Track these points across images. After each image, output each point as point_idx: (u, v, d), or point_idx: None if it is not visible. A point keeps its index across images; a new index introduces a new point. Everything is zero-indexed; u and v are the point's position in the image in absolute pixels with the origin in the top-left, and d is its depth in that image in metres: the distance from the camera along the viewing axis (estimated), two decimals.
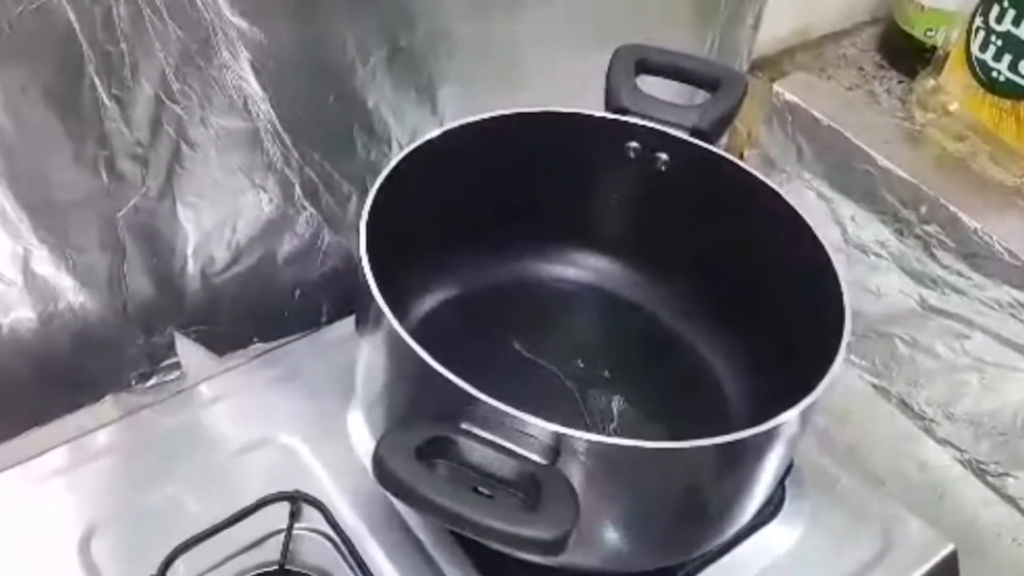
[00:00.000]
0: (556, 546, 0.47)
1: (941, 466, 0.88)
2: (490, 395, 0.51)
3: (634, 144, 0.72)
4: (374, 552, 0.65)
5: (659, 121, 0.71)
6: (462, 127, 0.69)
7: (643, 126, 0.71)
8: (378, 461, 0.48)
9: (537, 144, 0.72)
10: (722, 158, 0.70)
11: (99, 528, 0.65)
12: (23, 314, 0.67)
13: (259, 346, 0.80)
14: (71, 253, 0.66)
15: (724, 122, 0.72)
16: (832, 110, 0.98)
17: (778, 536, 0.71)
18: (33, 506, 0.66)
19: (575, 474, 0.50)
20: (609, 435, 0.57)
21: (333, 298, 0.82)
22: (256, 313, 0.80)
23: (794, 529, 0.71)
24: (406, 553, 0.66)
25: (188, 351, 0.77)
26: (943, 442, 0.88)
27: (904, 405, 0.94)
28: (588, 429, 0.52)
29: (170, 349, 0.77)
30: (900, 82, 1.05)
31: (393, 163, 0.65)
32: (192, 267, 0.74)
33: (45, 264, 0.66)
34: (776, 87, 1.00)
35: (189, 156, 0.68)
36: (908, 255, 0.90)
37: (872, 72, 1.07)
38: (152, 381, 0.77)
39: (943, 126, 0.97)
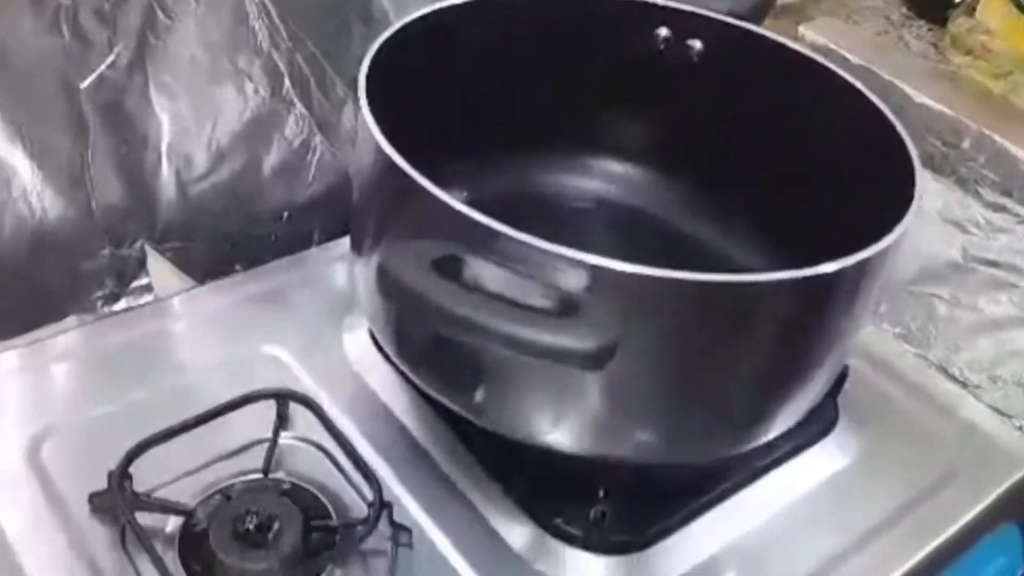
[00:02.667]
0: (599, 357, 0.41)
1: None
2: None
3: (664, 31, 0.68)
4: (373, 461, 0.58)
5: (691, 2, 0.66)
6: (468, 3, 0.64)
7: (674, 8, 0.66)
8: (386, 270, 0.42)
9: (551, 30, 0.67)
10: (766, 38, 0.65)
11: (52, 433, 0.58)
12: None
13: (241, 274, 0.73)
14: (26, 123, 0.60)
15: (764, 5, 0.67)
16: (862, 51, 0.94)
17: (830, 455, 0.64)
18: None
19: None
20: None
21: (324, 222, 0.76)
22: (239, 236, 0.74)
23: (848, 449, 0.64)
24: (406, 458, 0.59)
25: (161, 273, 0.71)
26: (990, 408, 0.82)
27: (945, 372, 0.87)
28: None
29: (141, 267, 0.70)
30: (930, 29, 1.02)
31: (386, 35, 0.59)
32: (167, 168, 0.68)
33: None
34: (802, 29, 0.97)
35: (164, 25, 0.63)
36: (948, 200, 0.85)
37: (899, 21, 1.05)
38: (120, 304, 0.70)
39: (982, 67, 0.94)
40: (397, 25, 0.59)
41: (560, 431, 0.52)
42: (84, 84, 0.60)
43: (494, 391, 0.53)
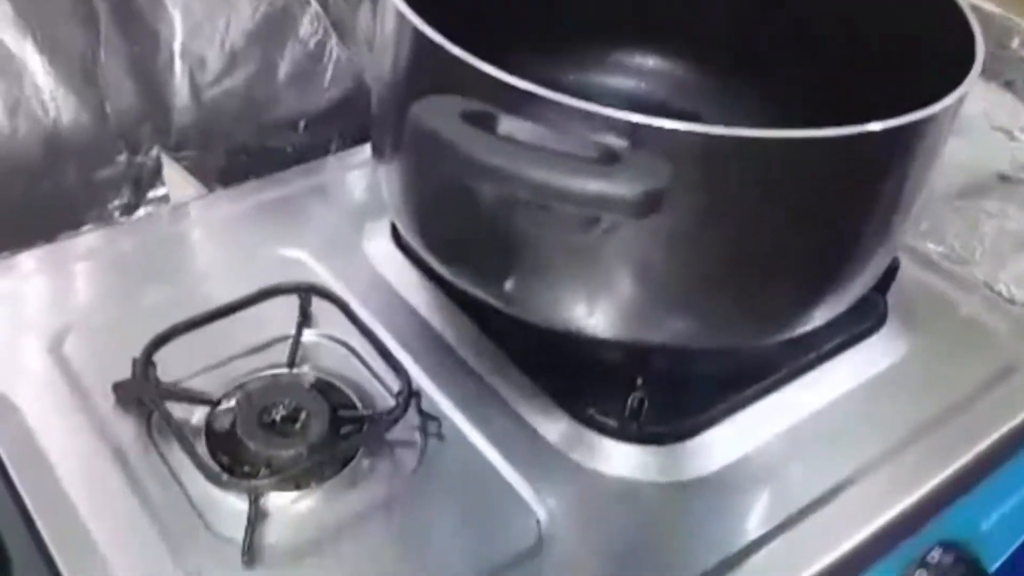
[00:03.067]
0: (641, 205, 0.39)
1: None
2: None
3: None
4: (396, 352, 0.56)
5: None
6: None
7: None
8: (416, 121, 0.40)
9: None
10: None
11: (73, 329, 0.57)
12: None
13: None
14: (38, 20, 0.58)
15: None
16: None
17: (879, 351, 0.62)
18: (5, 306, 0.58)
19: None
20: None
21: (342, 131, 0.74)
22: (254, 146, 0.73)
23: (899, 344, 0.63)
24: (432, 354, 0.58)
25: (176, 181, 0.70)
26: None
27: (990, 289, 0.85)
28: None
29: (157, 176, 0.69)
30: None
31: None
32: (180, 69, 0.67)
33: (8, 29, 0.58)
34: None
35: None
36: (995, 106, 0.82)
37: None
38: (138, 214, 0.69)
39: None
40: None
41: (595, 316, 0.51)
42: None
43: (525, 276, 0.51)
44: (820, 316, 0.54)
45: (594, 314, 0.51)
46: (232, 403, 0.53)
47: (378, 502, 0.51)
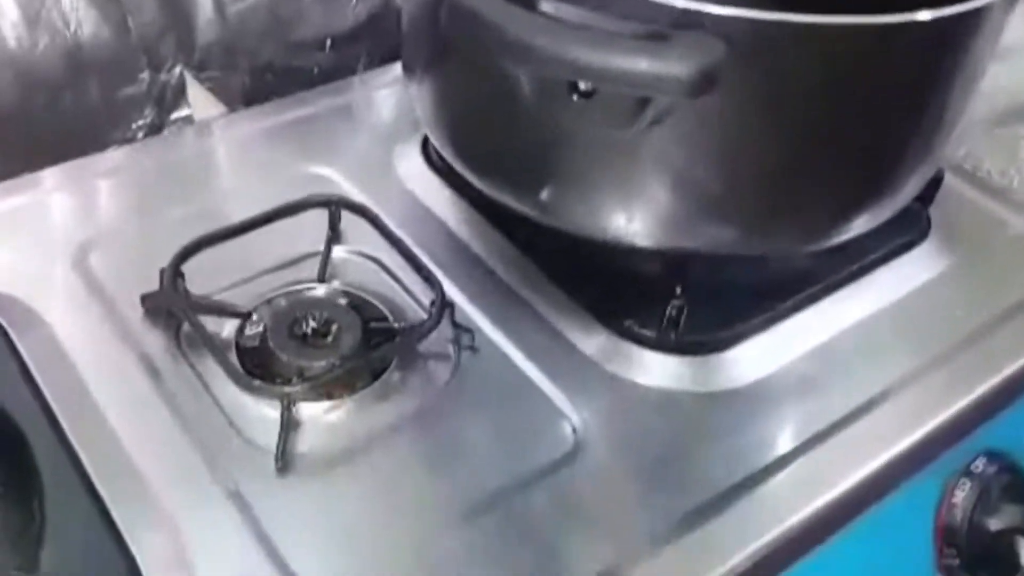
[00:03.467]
0: (699, 81, 0.37)
1: None
2: None
3: None
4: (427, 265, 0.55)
5: None
6: None
7: None
8: (455, 3, 0.39)
9: None
10: None
11: (98, 243, 0.56)
12: (8, 15, 0.59)
13: None
14: None
15: None
16: None
17: (921, 265, 0.61)
18: (25, 218, 0.58)
19: None
20: None
21: (370, 50, 0.73)
22: (280, 65, 0.71)
23: (940, 259, 0.61)
24: (464, 269, 0.57)
25: (200, 101, 0.69)
26: None
27: None
28: None
29: (181, 95, 0.68)
30: None
31: None
32: None
33: None
34: None
35: None
36: None
37: None
38: (163, 135, 0.68)
39: None
40: None
41: (635, 222, 0.50)
42: None
43: (563, 182, 0.50)
44: (863, 223, 0.52)
45: (633, 220, 0.50)
46: (262, 316, 0.53)
47: (411, 413, 0.50)
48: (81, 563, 0.39)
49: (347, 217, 0.58)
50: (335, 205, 0.56)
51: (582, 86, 0.42)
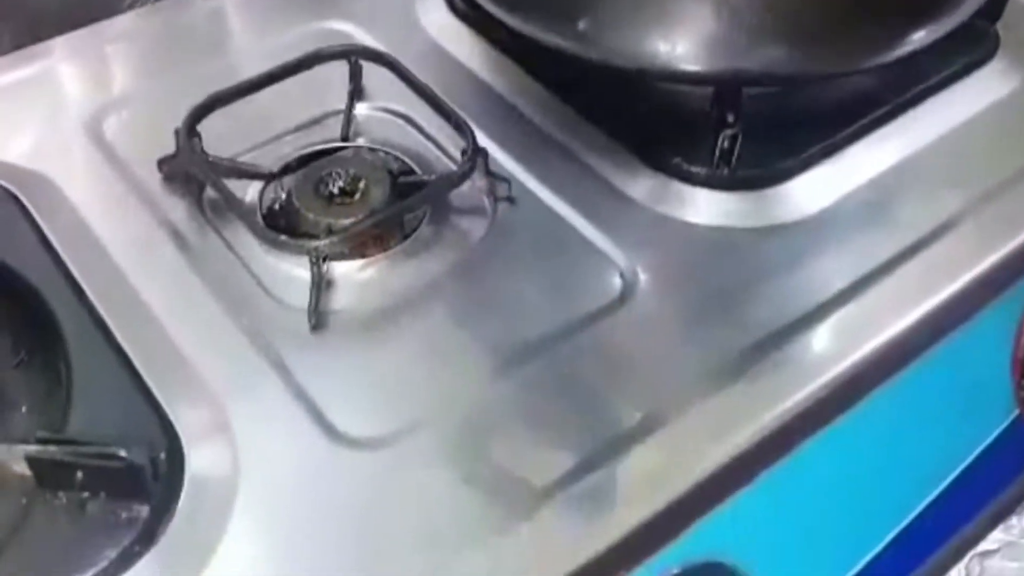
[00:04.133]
0: None
1: None
2: None
3: None
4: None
5: None
6: None
7: None
8: None
9: None
10: None
11: (112, 108, 0.54)
12: None
13: None
14: None
15: None
16: None
17: (988, 85, 0.57)
18: (37, 85, 0.56)
19: None
20: None
21: None
22: None
23: (1008, 79, 0.57)
24: (495, 116, 0.54)
25: None
26: None
27: None
28: None
29: None
30: None
31: None
32: None
33: None
34: None
35: None
36: None
37: None
38: None
39: None
40: None
41: (680, 45, 0.46)
42: None
43: (602, 7, 0.47)
44: (922, 36, 0.48)
45: (679, 44, 0.46)
46: (286, 177, 0.50)
47: (447, 269, 0.48)
48: (112, 425, 0.38)
49: (369, 71, 0.55)
50: (355, 56, 0.53)
51: None
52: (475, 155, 0.49)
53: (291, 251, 0.45)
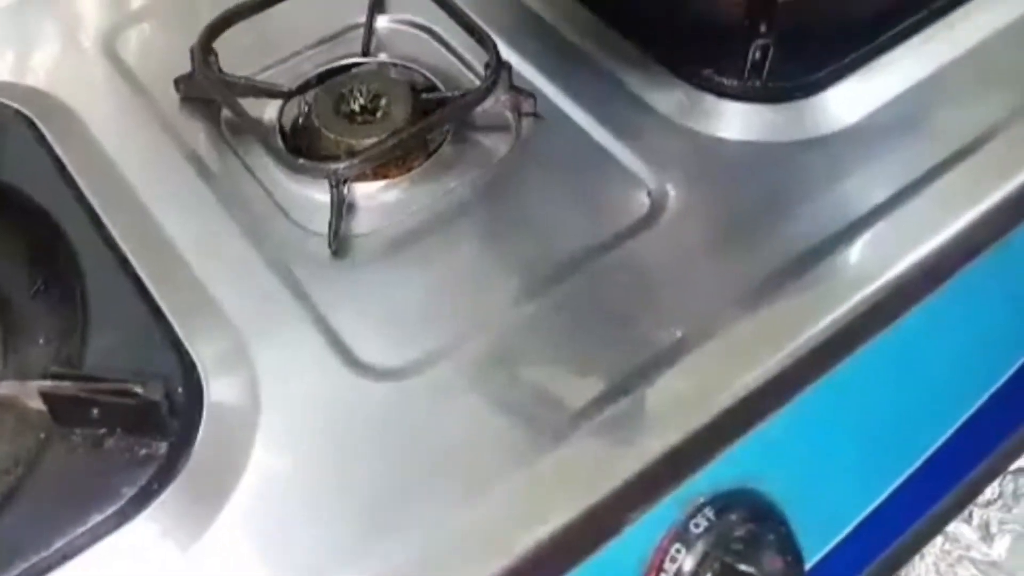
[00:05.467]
0: None
1: None
2: None
3: None
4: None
5: None
6: None
7: None
8: None
9: None
10: None
11: (126, 26, 0.52)
12: None
13: None
14: None
15: None
16: None
17: None
18: (49, 8, 0.53)
19: None
20: None
21: None
22: None
23: None
24: (519, 26, 0.51)
25: None
26: None
27: None
28: None
29: None
30: None
31: None
32: None
33: None
34: None
35: None
36: None
37: None
38: None
39: None
40: None
41: None
42: None
43: None
44: None
45: None
46: (305, 95, 0.47)
47: (471, 189, 0.45)
48: (129, 359, 0.36)
49: None
50: None
51: None
52: (498, 69, 0.46)
53: (311, 174, 0.43)
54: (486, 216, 0.45)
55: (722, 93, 0.48)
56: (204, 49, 0.46)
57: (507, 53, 0.49)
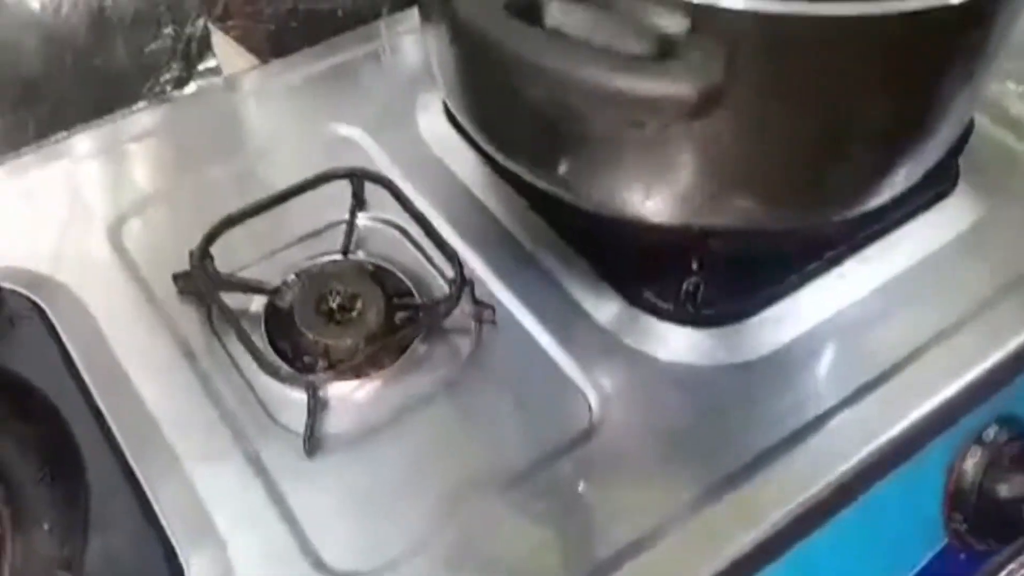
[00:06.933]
0: (698, 106, 0.35)
1: None
2: None
3: None
4: (450, 237, 0.54)
5: None
6: None
7: None
8: (459, 18, 0.37)
9: None
10: None
11: (132, 215, 0.56)
12: None
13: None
14: None
15: None
16: None
17: (948, 220, 0.58)
18: (57, 189, 0.57)
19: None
20: None
21: None
22: (303, 11, 0.68)
23: (968, 213, 0.58)
24: (486, 237, 0.56)
25: (226, 52, 0.66)
26: None
27: None
28: None
29: (206, 48, 0.66)
30: None
31: None
32: None
33: None
34: None
35: None
36: None
37: None
38: (190, 88, 0.66)
39: None
40: None
41: (652, 201, 0.48)
42: None
43: (579, 163, 0.48)
44: (889, 190, 0.50)
45: (650, 199, 0.48)
46: (290, 291, 0.52)
47: (435, 389, 0.50)
48: (125, 558, 0.40)
49: (371, 184, 0.56)
50: (358, 177, 0.55)
51: None
52: (461, 287, 0.51)
53: (290, 382, 0.48)
54: (448, 418, 0.49)
55: (659, 314, 0.53)
56: (202, 254, 0.50)
57: (471, 257, 0.54)
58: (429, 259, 0.55)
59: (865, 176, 0.49)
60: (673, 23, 0.38)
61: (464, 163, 0.59)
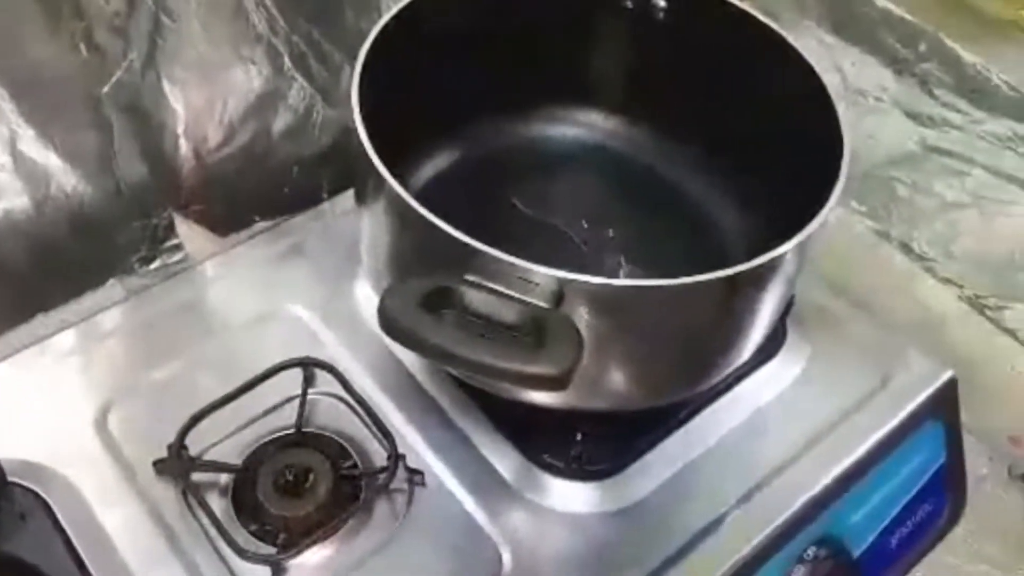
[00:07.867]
0: (561, 381, 0.45)
1: (942, 304, 0.86)
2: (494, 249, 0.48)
3: None
4: (389, 412, 0.63)
5: None
6: None
7: None
8: (383, 312, 0.46)
9: None
10: (724, 1, 0.65)
11: (114, 404, 0.63)
12: (16, 201, 0.64)
13: (261, 224, 0.76)
14: (57, 133, 0.62)
15: None
16: None
17: (779, 372, 0.68)
18: (48, 385, 0.64)
19: (579, 318, 0.48)
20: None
21: (332, 173, 0.78)
22: (255, 191, 0.76)
23: (795, 365, 0.69)
24: (421, 412, 0.64)
25: (189, 232, 0.74)
26: (944, 281, 0.86)
27: (905, 247, 0.91)
28: None
29: (170, 230, 0.73)
30: None
31: (381, 23, 0.60)
32: (184, 147, 0.70)
33: (33, 145, 0.62)
34: None
35: (170, 28, 0.63)
36: (907, 95, 0.86)
37: None
38: (155, 264, 0.74)
39: None
40: (385, 18, 0.60)
41: (539, 395, 0.57)
42: (104, 90, 0.62)
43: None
44: (727, 371, 0.60)
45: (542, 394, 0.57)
46: (253, 468, 0.60)
47: (378, 547, 0.58)
48: None
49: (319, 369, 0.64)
50: (308, 365, 0.63)
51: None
52: (396, 461, 0.60)
53: (253, 561, 0.56)
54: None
55: (552, 472, 0.62)
56: (179, 444, 0.58)
57: (405, 429, 0.63)
58: (371, 429, 0.63)
59: (706, 369, 0.59)
60: (542, 301, 0.47)
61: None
